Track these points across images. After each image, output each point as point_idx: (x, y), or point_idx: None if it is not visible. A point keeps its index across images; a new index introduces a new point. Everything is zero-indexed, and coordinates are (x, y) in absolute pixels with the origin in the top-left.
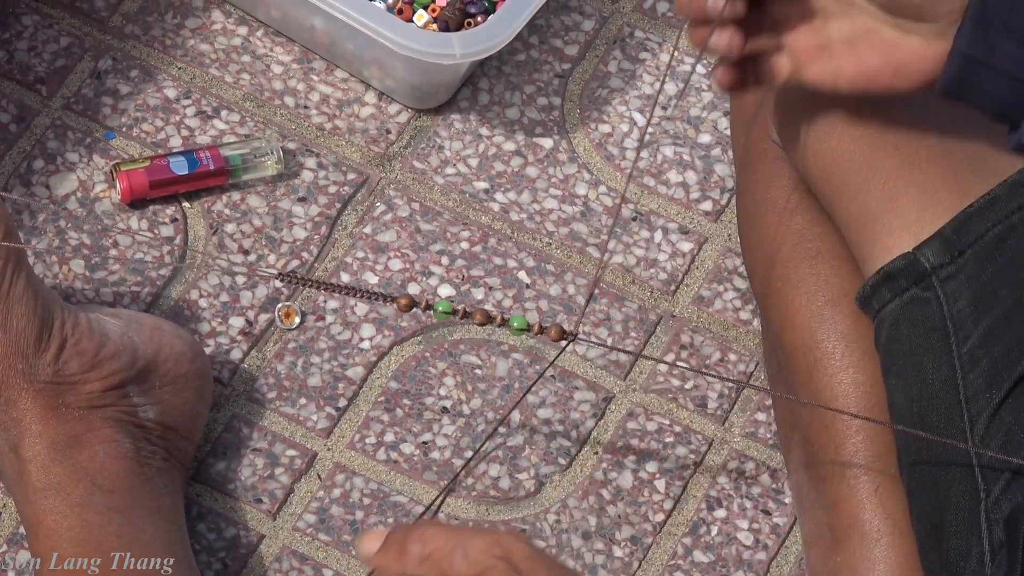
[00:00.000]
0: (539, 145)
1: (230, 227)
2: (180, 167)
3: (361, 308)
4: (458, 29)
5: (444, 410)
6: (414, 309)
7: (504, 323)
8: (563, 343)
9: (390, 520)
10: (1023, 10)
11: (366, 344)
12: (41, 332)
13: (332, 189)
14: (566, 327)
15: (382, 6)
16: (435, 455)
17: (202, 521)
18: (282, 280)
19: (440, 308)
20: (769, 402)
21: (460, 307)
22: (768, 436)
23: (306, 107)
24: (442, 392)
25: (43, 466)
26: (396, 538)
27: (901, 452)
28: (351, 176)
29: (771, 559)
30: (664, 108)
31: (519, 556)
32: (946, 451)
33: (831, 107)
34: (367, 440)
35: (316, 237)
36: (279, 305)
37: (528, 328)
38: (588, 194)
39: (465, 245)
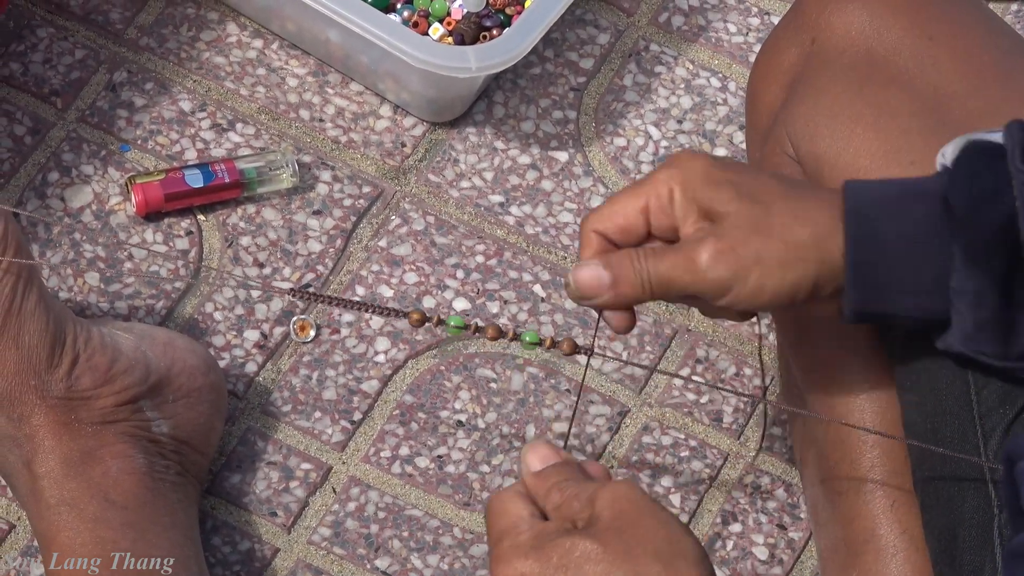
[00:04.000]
0: (554, 158)
1: (245, 240)
2: (195, 180)
3: (376, 322)
4: (474, 42)
5: (459, 424)
6: (426, 324)
7: (516, 337)
8: (579, 357)
9: (405, 534)
10: (894, 263)
11: (381, 358)
12: (53, 348)
13: (347, 202)
14: (579, 341)
15: (398, 19)
16: (450, 469)
17: (217, 534)
18: (294, 296)
19: (452, 323)
20: (784, 416)
21: (472, 322)
22: (784, 451)
23: (321, 120)
24: (457, 406)
25: (56, 482)
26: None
27: (915, 467)
28: (366, 189)
29: (786, 574)
30: (679, 122)
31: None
32: (960, 466)
33: (848, 121)
34: (382, 454)
35: (331, 250)
36: (294, 318)
37: (540, 342)
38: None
39: (480, 259)
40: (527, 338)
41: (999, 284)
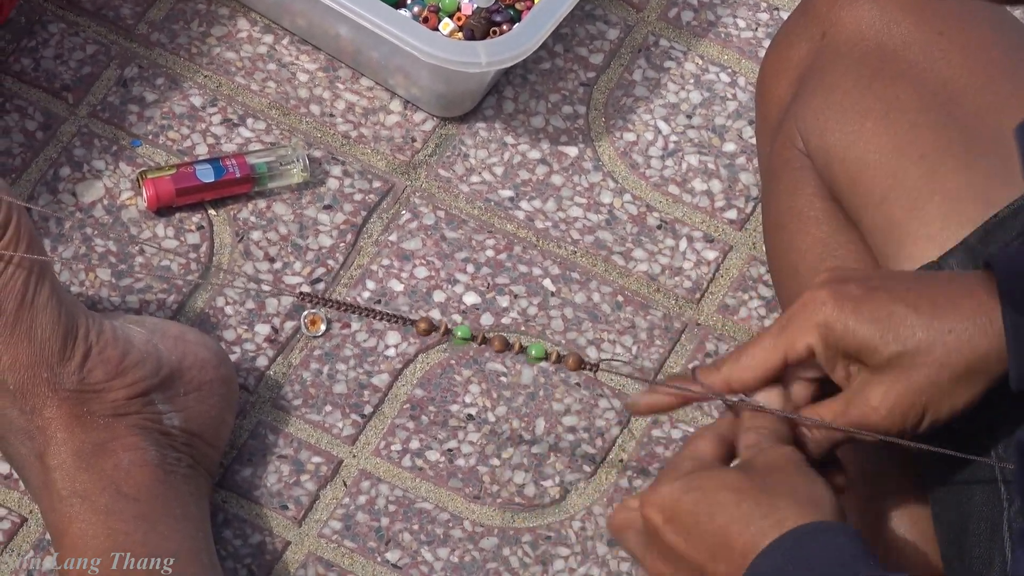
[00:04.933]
0: (564, 153)
1: (256, 235)
2: (206, 175)
3: None
4: (484, 37)
5: (469, 417)
6: (433, 334)
7: (522, 350)
8: (585, 370)
9: (415, 527)
10: None
11: (391, 351)
12: (66, 341)
13: (358, 197)
14: (584, 357)
15: (408, 14)
16: (460, 462)
17: (228, 527)
18: (300, 299)
19: (459, 334)
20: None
21: (479, 333)
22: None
23: (332, 115)
24: (467, 399)
25: (68, 474)
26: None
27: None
28: (376, 184)
29: None
30: (689, 117)
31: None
32: (969, 462)
33: (857, 116)
34: (392, 447)
35: (342, 245)
36: (305, 312)
37: (546, 356)
38: (613, 202)
39: (490, 253)
40: (533, 351)
41: None
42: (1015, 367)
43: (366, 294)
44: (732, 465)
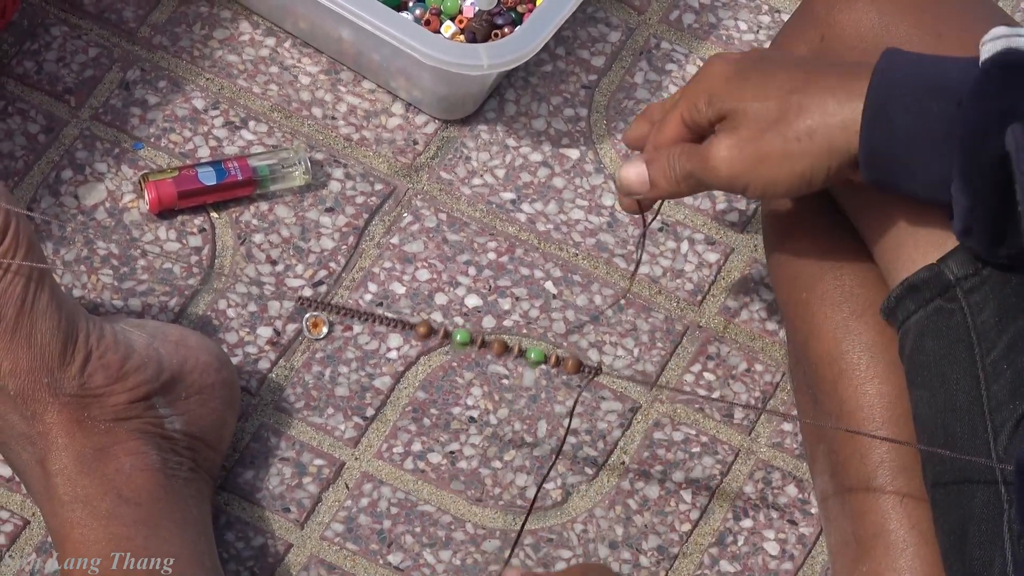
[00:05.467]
0: (566, 156)
1: (258, 237)
2: (208, 177)
3: None
4: (485, 40)
5: (471, 420)
6: (432, 338)
7: (522, 354)
8: (586, 375)
9: (417, 529)
10: (906, 159)
11: (393, 354)
12: (66, 345)
13: (359, 200)
14: (583, 360)
15: (410, 17)
16: (462, 465)
17: (230, 530)
18: (300, 303)
19: (458, 338)
20: (795, 412)
21: (479, 337)
22: (794, 446)
23: (334, 118)
24: (469, 402)
25: (70, 479)
26: None
27: (925, 463)
28: (378, 187)
29: (797, 569)
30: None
31: None
32: (969, 462)
33: None
34: (394, 450)
35: (343, 247)
36: (307, 315)
37: (545, 360)
38: (614, 205)
39: (492, 255)
40: (532, 355)
41: (990, 202)
42: (865, 146)
43: (368, 296)
44: None
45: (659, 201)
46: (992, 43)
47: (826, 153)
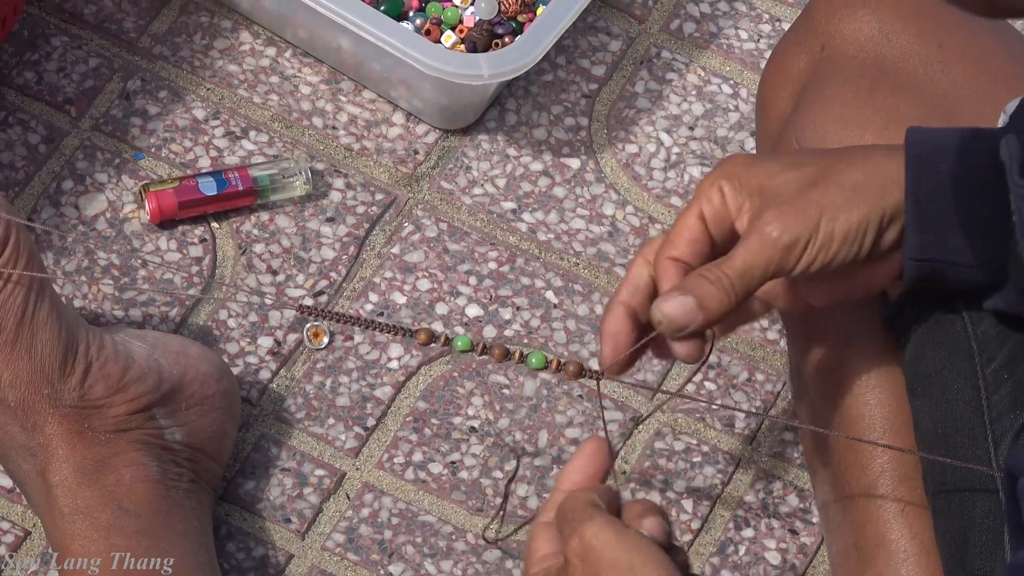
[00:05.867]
0: (566, 165)
1: (258, 247)
2: (209, 188)
3: None
4: (486, 50)
5: (472, 430)
6: (433, 344)
7: (523, 359)
8: (589, 379)
9: (419, 540)
10: (961, 202)
11: (394, 364)
12: (66, 357)
13: (360, 209)
14: (585, 366)
15: (410, 27)
16: (463, 475)
17: (231, 541)
18: (300, 312)
19: (459, 344)
20: (797, 421)
21: (479, 343)
22: (795, 456)
23: (334, 128)
24: (470, 412)
25: (70, 490)
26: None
27: (926, 473)
28: (379, 196)
29: None
30: (691, 128)
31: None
32: (971, 472)
33: (857, 128)
34: (395, 460)
35: (344, 257)
36: (308, 325)
37: (546, 365)
38: (615, 214)
39: (493, 265)
40: (533, 361)
41: None
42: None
43: (369, 307)
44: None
45: (711, 338)
46: (1013, 102)
47: (878, 202)
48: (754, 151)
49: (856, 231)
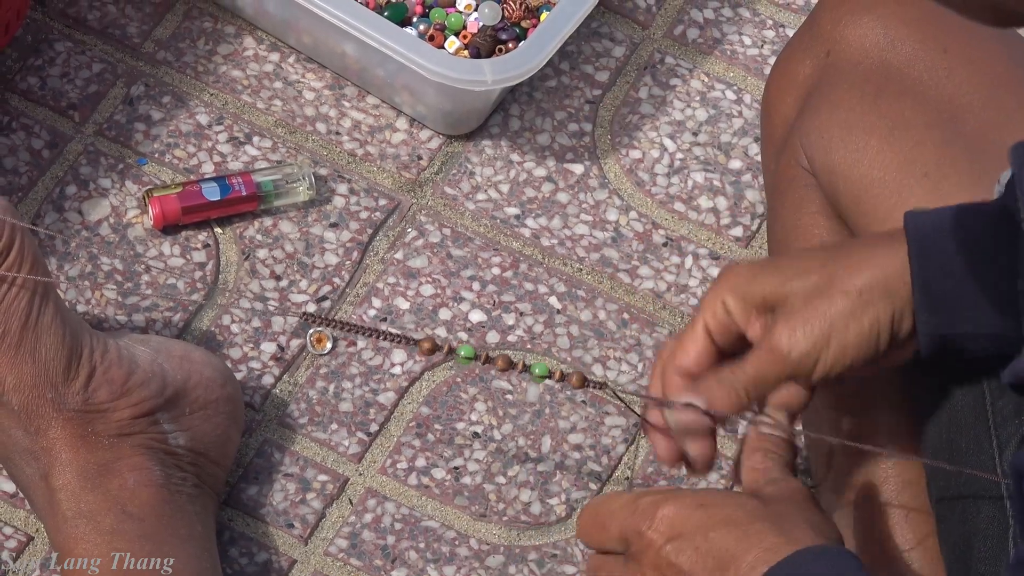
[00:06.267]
0: (570, 171)
1: (262, 253)
2: (212, 193)
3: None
4: (489, 55)
5: (475, 435)
6: (436, 353)
7: (526, 369)
8: (590, 388)
9: (421, 545)
10: (963, 279)
11: (397, 369)
12: (70, 361)
13: (363, 215)
14: (588, 376)
15: (414, 32)
16: (466, 480)
17: (234, 546)
18: (303, 319)
19: (462, 353)
20: (799, 427)
21: (483, 352)
22: (798, 461)
23: (338, 133)
24: (473, 417)
25: (73, 494)
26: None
27: (930, 479)
28: (382, 202)
29: None
30: (695, 134)
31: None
32: (975, 478)
33: (862, 133)
34: (398, 465)
35: (347, 263)
36: (311, 331)
37: (549, 375)
38: (619, 220)
39: (496, 271)
40: (537, 370)
41: None
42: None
43: (372, 312)
44: (739, 489)
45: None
46: (1007, 172)
47: (885, 303)
48: (759, 157)
49: (869, 336)
